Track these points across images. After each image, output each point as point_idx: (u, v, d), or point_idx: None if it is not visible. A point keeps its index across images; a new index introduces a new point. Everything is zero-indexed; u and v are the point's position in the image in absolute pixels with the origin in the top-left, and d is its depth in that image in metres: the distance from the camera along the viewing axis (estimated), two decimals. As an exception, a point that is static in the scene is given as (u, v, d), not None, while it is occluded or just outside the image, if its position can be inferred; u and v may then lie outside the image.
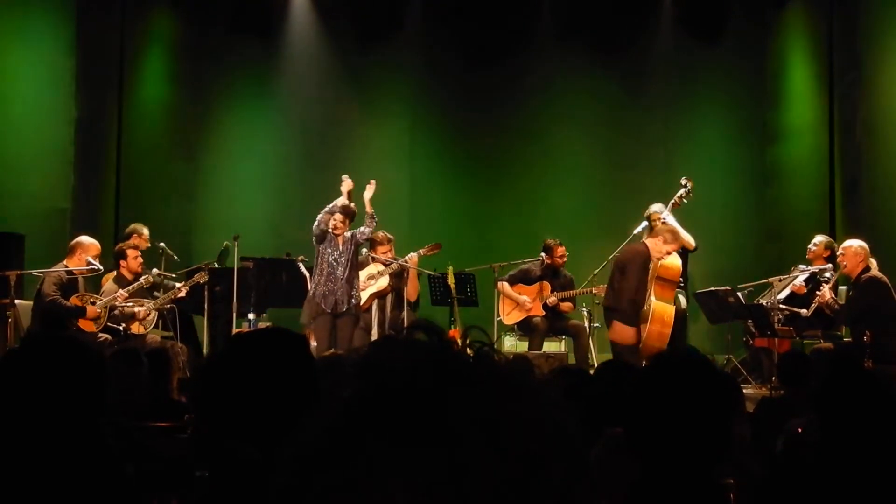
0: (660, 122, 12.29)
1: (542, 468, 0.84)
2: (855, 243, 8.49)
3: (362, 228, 8.73)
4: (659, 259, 8.64)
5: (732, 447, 2.05)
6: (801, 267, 9.21)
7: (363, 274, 9.42)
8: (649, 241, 8.71)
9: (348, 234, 8.62)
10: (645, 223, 9.36)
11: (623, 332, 8.63)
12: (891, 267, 8.66)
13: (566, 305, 9.82)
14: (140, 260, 8.92)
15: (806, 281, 8.99)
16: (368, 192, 8.74)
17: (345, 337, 8.48)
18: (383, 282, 9.48)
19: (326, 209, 8.62)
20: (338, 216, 8.60)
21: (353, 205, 8.79)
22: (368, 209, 8.71)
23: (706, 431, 1.99)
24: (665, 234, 8.67)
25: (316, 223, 8.64)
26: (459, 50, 12.44)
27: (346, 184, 8.75)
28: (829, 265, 9.00)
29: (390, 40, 12.53)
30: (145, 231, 9.67)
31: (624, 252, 8.87)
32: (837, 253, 8.56)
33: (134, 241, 9.35)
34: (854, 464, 2.47)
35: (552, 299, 9.73)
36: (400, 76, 12.46)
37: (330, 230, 8.65)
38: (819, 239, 9.24)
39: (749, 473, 2.79)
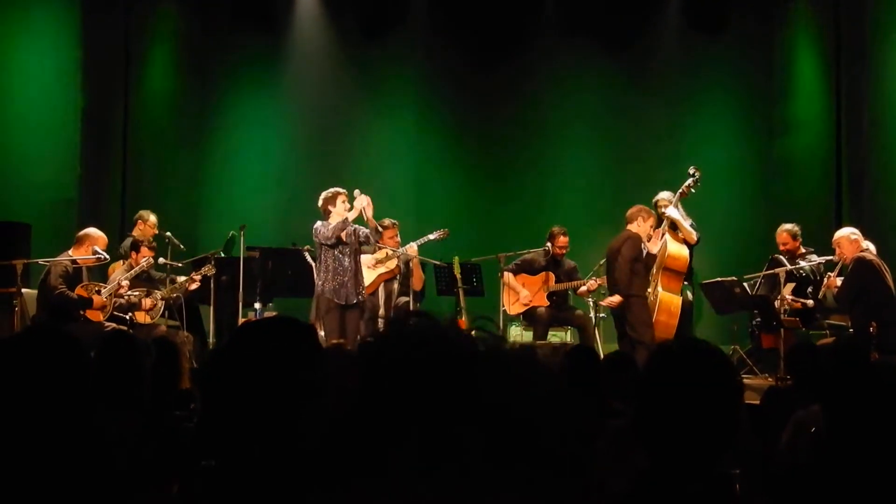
0: (666, 115, 12.24)
1: (563, 442, 0.87)
2: (846, 231, 8.49)
3: (366, 231, 8.60)
4: (649, 237, 8.65)
5: (737, 436, 2.05)
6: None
7: (371, 258, 9.46)
8: (631, 227, 8.65)
9: (351, 228, 8.58)
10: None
11: (640, 310, 8.53)
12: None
13: (591, 285, 9.70)
14: (148, 258, 8.94)
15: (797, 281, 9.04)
16: (369, 211, 8.44)
17: (353, 328, 8.48)
18: (391, 264, 9.53)
19: (338, 224, 8.36)
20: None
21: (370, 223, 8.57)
22: (372, 224, 8.54)
23: (713, 420, 1.99)
24: (641, 213, 8.66)
25: (331, 233, 8.34)
26: (465, 42, 12.41)
27: (360, 200, 8.42)
28: (815, 255, 9.07)
29: (395, 33, 12.52)
30: (152, 217, 9.71)
31: (613, 241, 8.77)
32: (833, 244, 8.53)
33: (139, 228, 9.48)
34: (859, 455, 2.48)
35: (583, 289, 9.68)
36: (405, 68, 12.44)
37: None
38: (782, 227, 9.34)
39: (752, 463, 2.80)
